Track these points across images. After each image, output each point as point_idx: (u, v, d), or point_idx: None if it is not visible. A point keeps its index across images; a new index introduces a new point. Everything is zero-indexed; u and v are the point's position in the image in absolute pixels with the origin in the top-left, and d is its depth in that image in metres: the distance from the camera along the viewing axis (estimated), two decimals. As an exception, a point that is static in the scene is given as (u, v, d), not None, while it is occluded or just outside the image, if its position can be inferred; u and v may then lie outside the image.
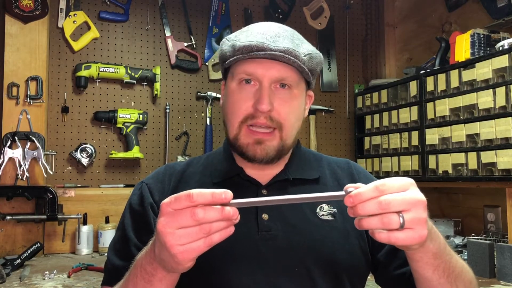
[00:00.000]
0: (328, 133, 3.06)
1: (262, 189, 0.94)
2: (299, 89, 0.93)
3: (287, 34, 0.92)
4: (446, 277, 0.77)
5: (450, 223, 2.40)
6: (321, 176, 0.99)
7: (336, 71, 3.11)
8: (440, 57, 2.35)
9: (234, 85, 0.93)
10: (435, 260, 0.74)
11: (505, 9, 2.25)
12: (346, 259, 0.90)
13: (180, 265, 0.66)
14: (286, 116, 0.91)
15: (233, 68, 0.94)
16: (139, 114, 2.54)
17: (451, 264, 0.77)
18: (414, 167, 2.39)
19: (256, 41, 0.88)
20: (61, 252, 2.29)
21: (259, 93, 0.89)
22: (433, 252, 0.73)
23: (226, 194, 0.63)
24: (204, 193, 0.63)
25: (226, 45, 0.95)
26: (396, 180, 0.65)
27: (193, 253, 0.64)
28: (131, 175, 2.60)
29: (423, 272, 0.76)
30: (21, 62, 2.29)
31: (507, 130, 1.88)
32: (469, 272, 0.85)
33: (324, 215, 0.93)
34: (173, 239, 0.63)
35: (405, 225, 0.63)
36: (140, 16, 2.69)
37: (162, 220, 0.64)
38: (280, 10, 2.98)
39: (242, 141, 0.91)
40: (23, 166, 2.18)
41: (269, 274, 0.86)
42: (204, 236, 0.63)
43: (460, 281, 0.80)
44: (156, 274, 0.72)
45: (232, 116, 0.92)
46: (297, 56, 0.89)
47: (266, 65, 0.89)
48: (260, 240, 0.88)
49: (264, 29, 0.92)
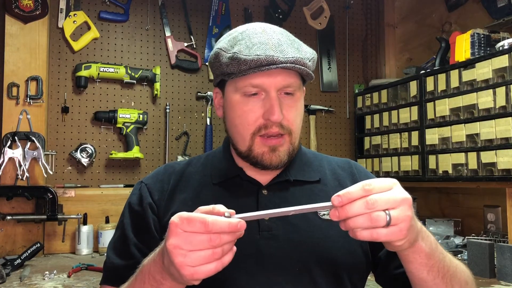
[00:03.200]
0: (328, 133, 3.06)
1: (262, 190, 0.94)
2: (300, 92, 0.94)
3: (287, 40, 0.91)
4: (441, 278, 0.77)
5: (450, 223, 2.39)
6: (322, 177, 0.99)
7: (336, 71, 3.11)
8: (440, 57, 2.35)
9: (237, 97, 0.91)
10: (429, 260, 0.74)
11: (505, 9, 2.25)
12: (347, 259, 0.90)
13: (190, 282, 0.67)
14: (294, 120, 0.92)
15: (235, 81, 0.91)
16: (139, 114, 2.54)
17: (445, 264, 0.77)
18: (414, 167, 2.39)
19: (264, 55, 0.85)
20: (61, 252, 2.29)
21: (269, 103, 0.88)
22: (426, 252, 0.73)
23: (241, 224, 0.65)
24: (220, 222, 0.64)
25: (223, 57, 0.90)
26: (381, 180, 0.68)
27: (203, 274, 0.65)
28: (131, 175, 2.60)
29: (418, 273, 0.76)
30: (21, 62, 2.29)
31: (507, 130, 1.88)
32: (465, 272, 0.85)
33: (325, 215, 0.93)
34: (185, 260, 0.64)
35: (391, 222, 0.65)
36: (140, 16, 2.69)
37: (173, 240, 0.65)
38: (280, 10, 2.98)
39: (257, 151, 0.91)
40: (23, 166, 2.18)
41: (270, 273, 0.86)
42: (216, 259, 0.64)
43: (456, 281, 0.80)
44: (165, 283, 0.73)
45: (241, 128, 0.91)
46: (305, 64, 0.89)
47: (272, 75, 0.88)
48: (261, 240, 0.88)
49: (263, 38, 0.89)
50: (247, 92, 0.89)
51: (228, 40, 0.93)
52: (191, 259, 0.64)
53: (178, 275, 0.66)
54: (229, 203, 0.93)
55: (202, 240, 0.63)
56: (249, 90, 0.89)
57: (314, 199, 0.94)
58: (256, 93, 0.90)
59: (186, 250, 0.64)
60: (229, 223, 0.64)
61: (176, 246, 0.64)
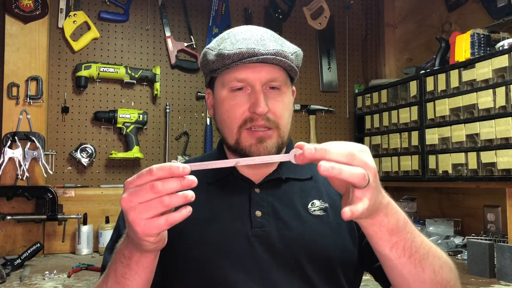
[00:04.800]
0: (328, 133, 3.06)
1: (255, 188, 0.95)
2: (287, 87, 0.96)
3: (270, 36, 0.95)
4: (407, 257, 0.74)
5: (450, 223, 2.40)
6: (313, 174, 1.00)
7: (336, 71, 3.11)
8: (440, 57, 2.35)
9: (224, 93, 0.94)
10: (391, 236, 0.72)
11: (505, 9, 2.25)
12: (339, 254, 0.91)
13: (143, 240, 0.67)
14: (280, 114, 0.93)
15: (221, 77, 0.95)
16: (139, 114, 2.55)
17: (413, 244, 0.74)
18: (414, 167, 2.39)
19: (246, 48, 0.89)
20: (61, 252, 2.29)
21: (254, 97, 0.91)
22: (388, 228, 0.71)
23: (184, 169, 0.64)
24: (163, 166, 0.64)
25: (210, 55, 0.95)
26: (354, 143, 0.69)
27: (154, 229, 0.64)
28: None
29: (380, 249, 0.74)
30: (21, 62, 2.29)
31: (507, 130, 1.88)
32: (441, 258, 0.80)
33: (316, 211, 0.94)
34: (135, 213, 0.64)
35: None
36: (140, 16, 2.69)
37: (124, 196, 0.66)
38: (280, 10, 2.98)
39: (244, 143, 0.92)
40: (23, 166, 2.18)
41: (264, 270, 0.87)
42: (164, 208, 0.63)
43: (427, 264, 0.76)
44: (132, 257, 0.74)
45: (229, 122, 0.93)
46: (286, 56, 0.92)
47: (256, 69, 0.91)
48: (254, 237, 0.90)
49: (247, 35, 0.93)
50: (233, 86, 0.93)
51: (216, 40, 0.98)
52: (139, 211, 0.64)
53: (134, 236, 0.67)
54: (222, 202, 0.94)
55: (147, 190, 0.63)
56: (234, 85, 0.92)
57: (306, 196, 0.96)
58: (242, 87, 0.92)
59: (136, 202, 0.64)
60: (171, 166, 0.63)
61: (127, 201, 0.65)
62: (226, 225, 0.91)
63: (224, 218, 0.92)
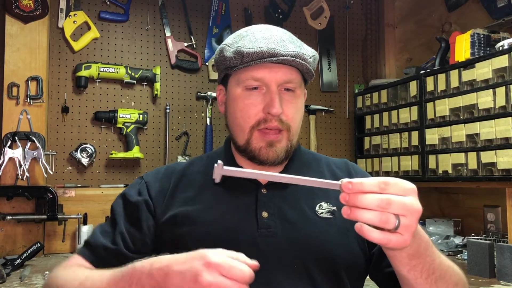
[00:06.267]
0: (328, 133, 3.06)
1: (262, 188, 0.95)
2: (301, 90, 0.96)
3: (289, 37, 0.94)
4: (424, 278, 0.75)
5: (450, 223, 2.40)
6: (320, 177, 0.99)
7: (336, 71, 3.12)
8: (440, 57, 2.35)
9: (239, 91, 0.94)
10: (411, 260, 0.73)
11: (505, 9, 2.25)
12: (345, 257, 0.90)
13: None
14: (293, 117, 0.93)
15: (237, 75, 0.94)
16: (139, 114, 2.55)
17: (432, 266, 0.75)
18: (414, 167, 2.39)
19: (266, 47, 0.89)
20: (61, 252, 2.29)
21: (269, 97, 0.91)
22: (408, 253, 0.72)
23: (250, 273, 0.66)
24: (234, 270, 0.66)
25: (228, 51, 0.94)
26: (400, 182, 0.65)
27: None
28: (131, 175, 2.60)
29: (398, 269, 0.76)
30: (21, 62, 2.29)
31: (507, 130, 1.88)
32: (456, 275, 0.82)
33: (323, 213, 0.94)
34: None
35: (398, 229, 0.63)
36: (140, 16, 2.69)
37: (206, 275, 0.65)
38: (280, 10, 2.98)
39: (254, 145, 0.93)
40: (23, 166, 2.18)
41: (269, 271, 0.87)
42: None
43: (442, 283, 0.78)
44: None
45: (242, 121, 0.93)
46: (305, 59, 0.92)
47: (273, 69, 0.91)
48: (260, 237, 0.89)
49: (266, 34, 0.93)
50: (248, 85, 0.92)
51: (234, 37, 0.97)
52: None
53: None
54: (229, 202, 0.94)
55: None
56: (250, 84, 0.92)
57: (313, 198, 0.95)
58: (257, 87, 0.92)
59: None
60: None
61: None
62: (233, 225, 0.91)
63: (231, 219, 0.92)
